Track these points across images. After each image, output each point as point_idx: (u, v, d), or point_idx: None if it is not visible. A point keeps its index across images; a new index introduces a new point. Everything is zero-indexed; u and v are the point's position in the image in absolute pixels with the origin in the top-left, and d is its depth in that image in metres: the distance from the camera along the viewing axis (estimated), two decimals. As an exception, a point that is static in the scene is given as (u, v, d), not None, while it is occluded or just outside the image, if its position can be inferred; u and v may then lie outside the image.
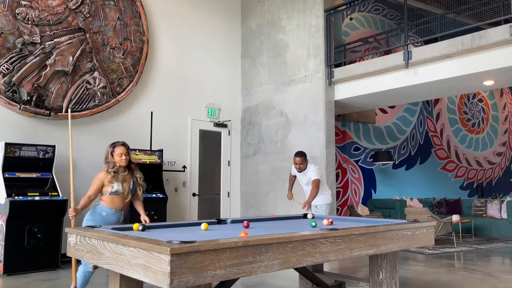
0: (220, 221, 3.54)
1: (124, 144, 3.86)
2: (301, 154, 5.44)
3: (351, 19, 10.03)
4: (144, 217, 3.86)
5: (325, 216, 4.08)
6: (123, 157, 3.81)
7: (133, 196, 3.91)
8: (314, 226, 3.10)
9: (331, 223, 3.32)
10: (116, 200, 3.81)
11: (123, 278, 2.84)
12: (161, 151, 6.93)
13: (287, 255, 2.44)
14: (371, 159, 10.33)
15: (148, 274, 2.14)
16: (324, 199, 5.53)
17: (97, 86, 6.66)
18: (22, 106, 5.96)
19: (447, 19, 8.06)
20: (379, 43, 10.28)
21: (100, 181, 3.80)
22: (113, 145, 3.84)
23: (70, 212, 3.71)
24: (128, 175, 3.87)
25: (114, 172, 3.76)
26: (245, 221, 3.18)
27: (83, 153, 6.47)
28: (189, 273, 2.04)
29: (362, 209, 9.29)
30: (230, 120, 8.49)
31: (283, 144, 7.77)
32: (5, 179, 5.49)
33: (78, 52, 6.52)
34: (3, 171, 5.55)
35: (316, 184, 5.27)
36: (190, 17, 8.10)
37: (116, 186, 3.80)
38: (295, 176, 5.79)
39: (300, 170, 5.46)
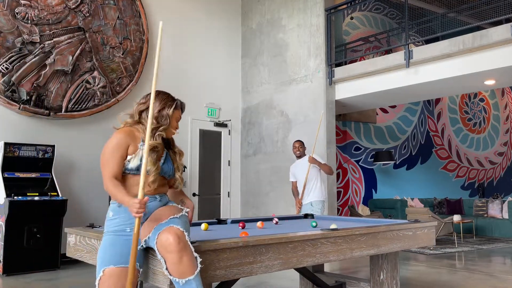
0: (220, 221, 3.52)
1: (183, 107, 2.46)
2: (299, 140, 5.80)
3: (351, 18, 10.01)
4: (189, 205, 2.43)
5: (325, 217, 4.06)
6: (177, 127, 2.39)
7: (169, 182, 2.38)
8: (315, 226, 3.08)
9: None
10: (130, 187, 2.19)
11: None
12: (161, 151, 6.90)
13: (287, 255, 2.43)
14: (372, 159, 10.30)
15: (148, 274, 2.13)
16: (319, 195, 5.47)
17: (97, 85, 6.64)
18: (22, 105, 5.94)
19: (448, 19, 8.03)
20: (380, 43, 10.25)
21: (124, 145, 2.19)
22: (177, 101, 2.40)
23: (136, 207, 1.96)
24: (161, 148, 2.30)
25: (159, 136, 2.26)
26: (241, 222, 3.16)
27: (83, 153, 6.46)
28: (188, 273, 2.02)
29: (363, 209, 9.27)
30: (230, 120, 8.46)
31: (284, 143, 7.75)
32: (5, 179, 5.48)
33: (78, 51, 6.50)
34: (3, 171, 5.54)
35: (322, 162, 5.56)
36: (190, 16, 8.08)
37: (138, 161, 2.17)
38: (295, 181, 5.68)
39: (300, 155, 5.64)
